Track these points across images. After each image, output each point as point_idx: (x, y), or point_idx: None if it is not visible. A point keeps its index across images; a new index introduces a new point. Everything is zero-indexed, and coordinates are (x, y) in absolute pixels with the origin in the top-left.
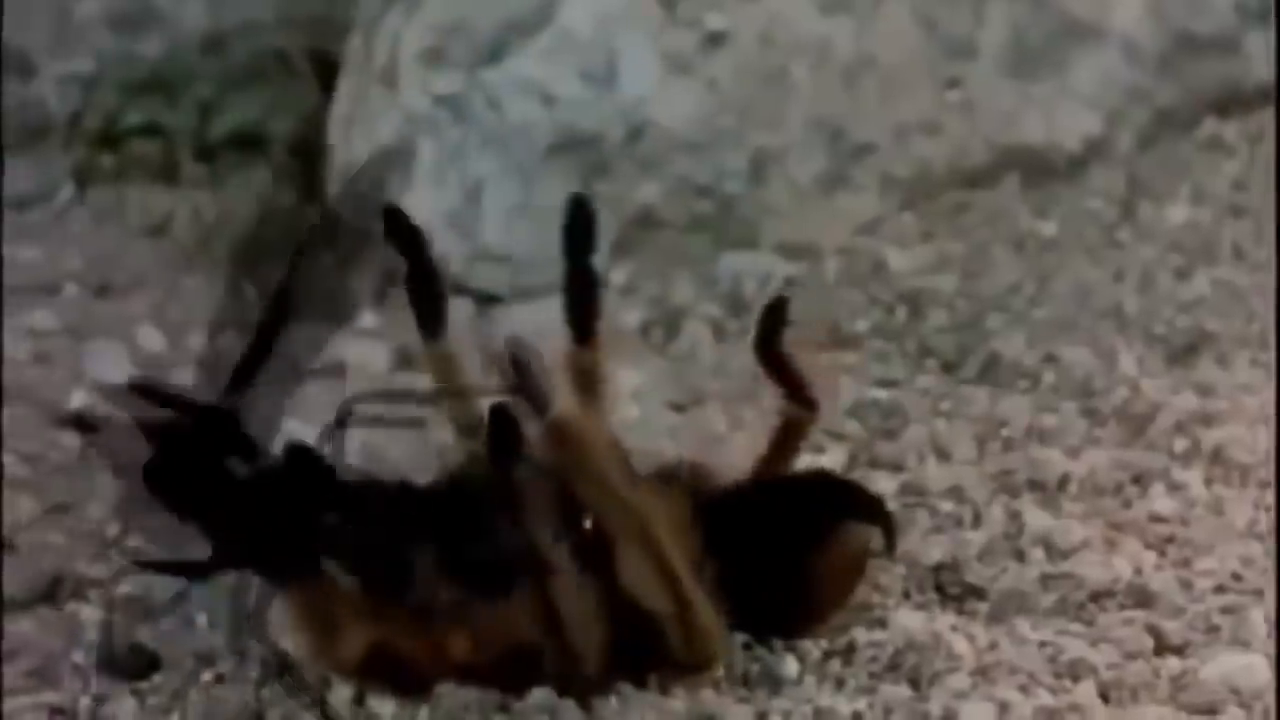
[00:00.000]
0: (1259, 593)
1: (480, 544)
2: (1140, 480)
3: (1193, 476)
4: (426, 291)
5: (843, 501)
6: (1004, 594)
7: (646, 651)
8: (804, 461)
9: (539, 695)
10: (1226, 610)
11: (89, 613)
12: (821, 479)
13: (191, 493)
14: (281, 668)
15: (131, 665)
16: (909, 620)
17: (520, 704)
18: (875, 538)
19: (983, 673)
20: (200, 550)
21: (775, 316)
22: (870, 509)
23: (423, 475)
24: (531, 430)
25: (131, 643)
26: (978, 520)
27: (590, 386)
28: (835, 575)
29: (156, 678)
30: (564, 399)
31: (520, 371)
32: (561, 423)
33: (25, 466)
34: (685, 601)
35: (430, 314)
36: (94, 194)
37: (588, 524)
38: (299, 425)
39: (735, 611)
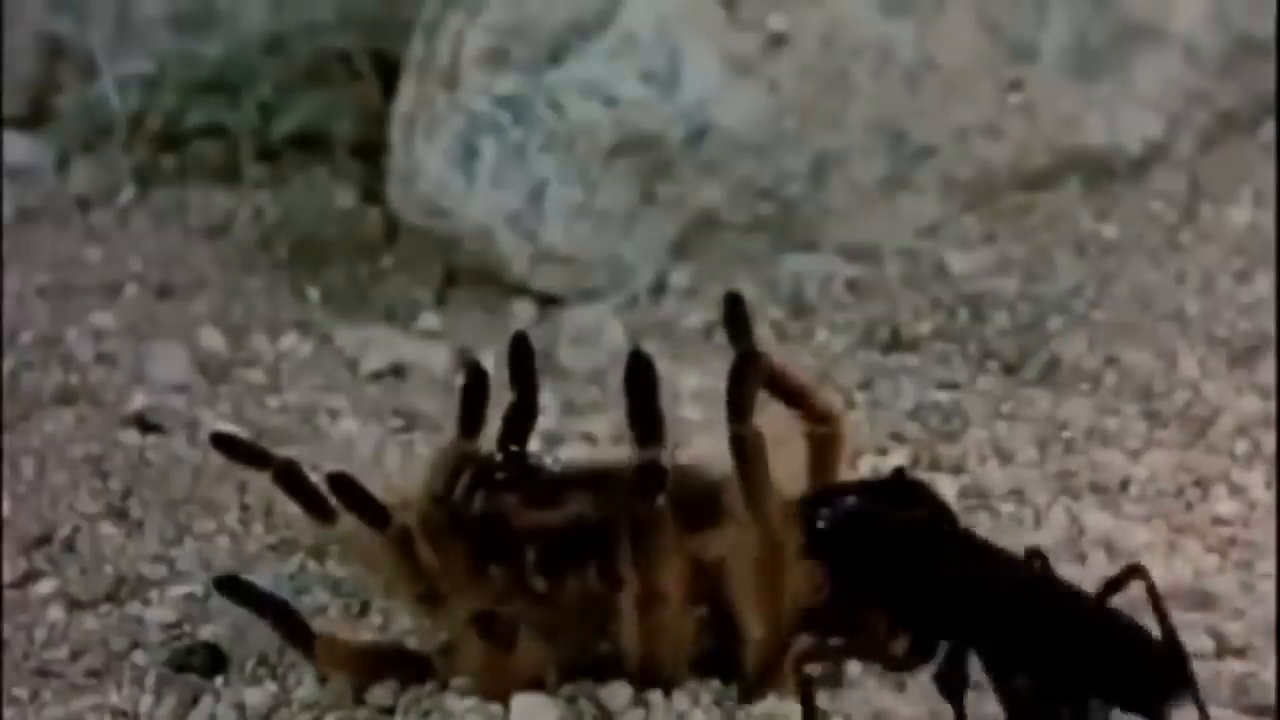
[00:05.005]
0: None
1: None
2: (1201, 483)
3: (1254, 479)
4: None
5: (909, 497)
6: None
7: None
8: (867, 464)
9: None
10: None
11: (151, 613)
12: (896, 475)
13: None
14: None
15: (198, 664)
16: None
17: None
18: None
19: None
20: None
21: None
22: (933, 503)
23: None
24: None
25: (199, 641)
26: (1039, 522)
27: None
28: None
29: (219, 679)
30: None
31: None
32: (752, 435)
33: (87, 467)
34: (775, 638)
35: None
36: (155, 194)
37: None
38: (358, 426)
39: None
